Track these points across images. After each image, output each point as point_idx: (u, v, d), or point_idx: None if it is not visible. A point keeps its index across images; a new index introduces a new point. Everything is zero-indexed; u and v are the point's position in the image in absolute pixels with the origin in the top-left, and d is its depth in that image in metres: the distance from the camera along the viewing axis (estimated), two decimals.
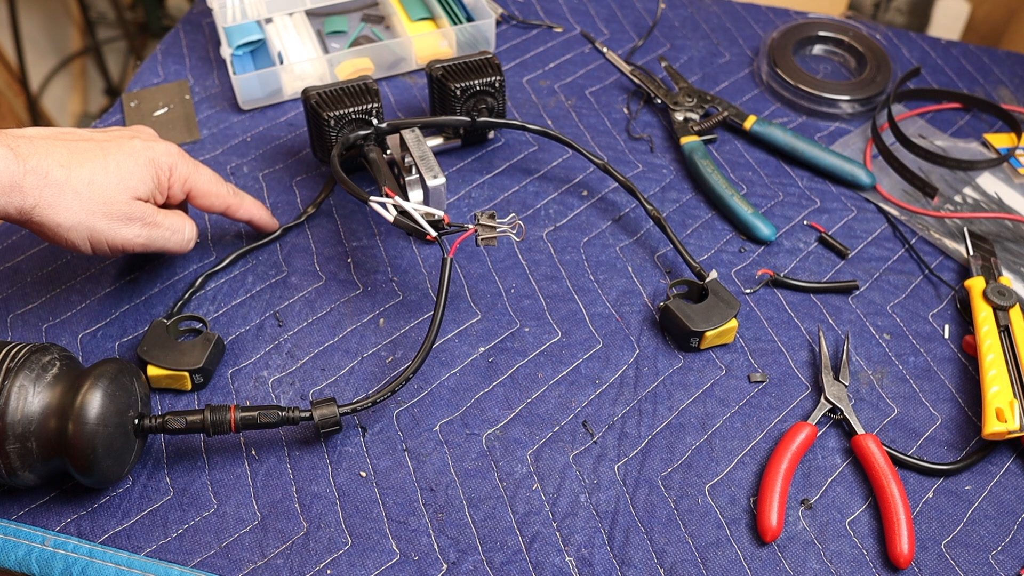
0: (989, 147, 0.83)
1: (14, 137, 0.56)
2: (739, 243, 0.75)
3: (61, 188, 0.57)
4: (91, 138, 0.61)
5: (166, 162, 0.63)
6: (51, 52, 1.88)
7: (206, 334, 0.64)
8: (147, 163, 0.61)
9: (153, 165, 0.62)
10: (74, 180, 0.57)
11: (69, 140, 0.59)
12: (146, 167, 0.61)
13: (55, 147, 0.58)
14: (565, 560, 0.56)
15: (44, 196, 0.56)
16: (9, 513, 0.58)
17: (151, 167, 0.62)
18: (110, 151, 0.60)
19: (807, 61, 0.91)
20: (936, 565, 0.57)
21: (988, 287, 0.68)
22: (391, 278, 0.71)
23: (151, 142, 0.63)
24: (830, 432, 0.63)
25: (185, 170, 0.64)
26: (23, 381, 0.53)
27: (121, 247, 0.61)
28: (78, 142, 0.59)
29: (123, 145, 0.61)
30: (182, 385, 0.63)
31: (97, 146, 0.60)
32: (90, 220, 0.58)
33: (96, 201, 0.58)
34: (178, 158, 0.64)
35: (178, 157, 0.64)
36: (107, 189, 0.59)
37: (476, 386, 0.65)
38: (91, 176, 0.58)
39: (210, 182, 0.66)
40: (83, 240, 0.59)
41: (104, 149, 0.60)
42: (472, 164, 0.80)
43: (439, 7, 0.90)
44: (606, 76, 0.89)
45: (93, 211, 0.58)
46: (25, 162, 0.55)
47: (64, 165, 0.57)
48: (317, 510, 0.58)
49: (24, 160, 0.55)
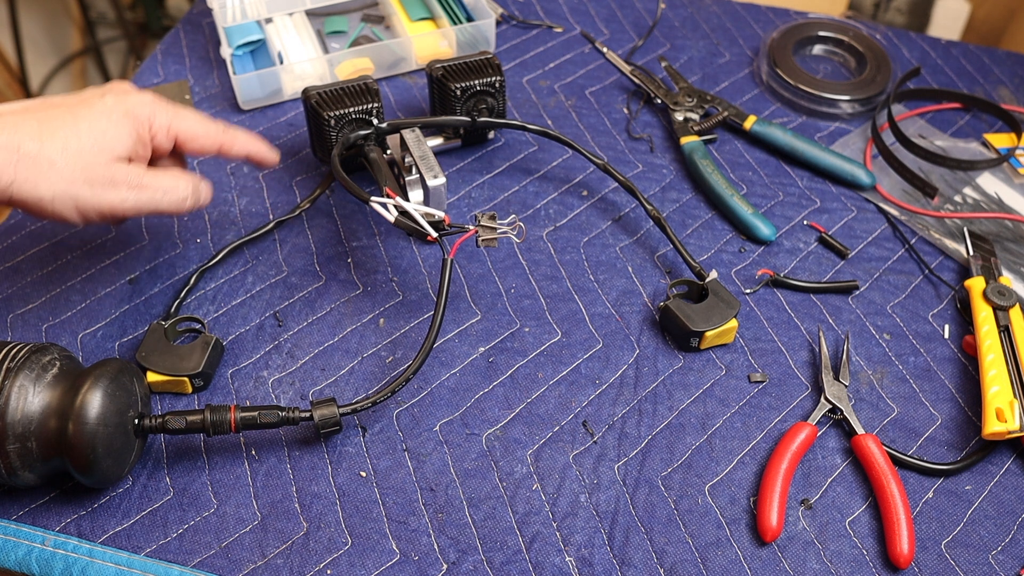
0: (989, 147, 0.83)
1: None
2: (739, 243, 0.75)
3: (36, 161, 0.55)
4: (62, 104, 0.58)
5: (143, 113, 0.60)
6: (51, 52, 1.88)
7: (204, 336, 0.64)
8: (122, 118, 0.58)
9: (129, 118, 0.59)
10: (48, 150, 0.55)
11: (39, 111, 0.57)
12: (121, 123, 0.58)
13: (25, 120, 0.56)
14: (565, 560, 0.56)
15: (20, 172, 0.54)
16: (9, 513, 0.58)
17: (127, 121, 0.59)
18: (81, 114, 0.57)
19: (807, 61, 0.91)
20: (936, 565, 0.57)
21: (988, 287, 0.68)
22: (391, 278, 0.71)
23: (124, 95, 0.60)
24: (830, 432, 0.63)
25: (166, 117, 0.61)
26: (23, 381, 0.53)
27: (110, 212, 0.58)
28: (48, 110, 0.57)
29: (94, 105, 0.58)
30: (182, 389, 0.63)
31: (68, 111, 0.57)
32: (72, 189, 0.56)
33: (74, 169, 0.56)
34: (155, 106, 0.61)
35: (155, 105, 0.61)
36: (84, 154, 0.56)
37: (476, 386, 0.65)
38: (64, 143, 0.56)
39: (197, 123, 0.63)
40: (70, 211, 0.57)
41: (75, 113, 0.57)
42: (472, 164, 0.80)
43: (439, 7, 0.90)
44: (606, 76, 0.89)
45: (73, 179, 0.56)
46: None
47: (35, 137, 0.55)
48: (317, 510, 0.58)
49: None
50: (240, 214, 0.75)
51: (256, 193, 0.77)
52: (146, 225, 0.74)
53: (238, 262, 0.72)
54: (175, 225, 0.74)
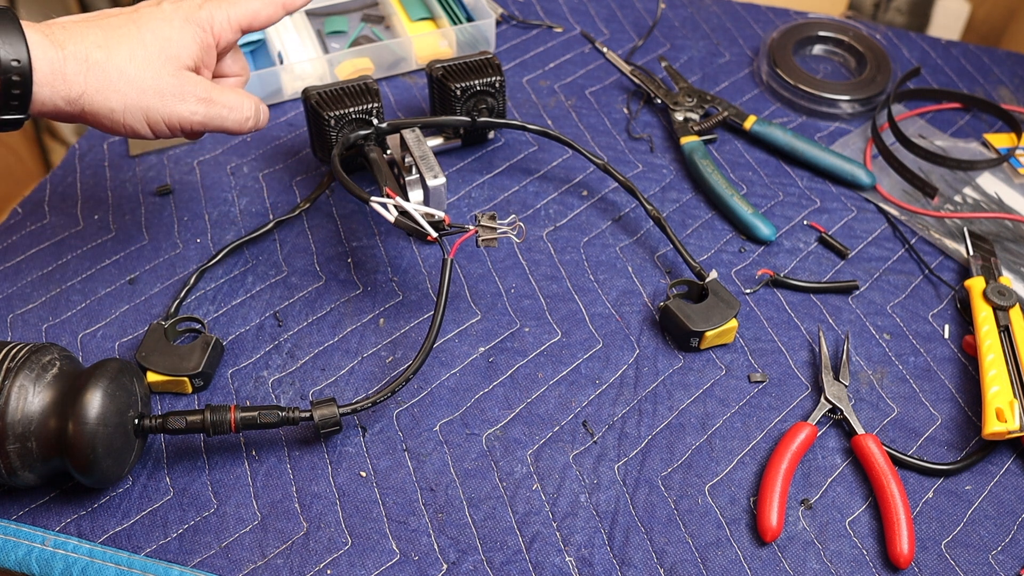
0: (989, 147, 0.83)
1: (47, 25, 0.54)
2: (739, 243, 0.75)
3: (105, 70, 0.54)
4: (122, 12, 0.57)
5: (203, 17, 0.59)
6: None
7: (204, 336, 0.64)
8: (184, 24, 0.58)
9: (191, 24, 0.58)
10: (116, 60, 0.54)
11: (102, 19, 0.56)
12: (184, 29, 0.57)
13: (90, 29, 0.55)
14: (565, 560, 0.56)
15: (90, 81, 0.54)
16: (9, 513, 0.58)
17: (189, 28, 0.58)
18: (143, 23, 0.56)
19: (807, 61, 0.91)
20: (936, 565, 0.57)
21: (988, 287, 0.68)
22: (391, 278, 0.71)
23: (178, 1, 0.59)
24: (830, 432, 0.63)
25: (223, 13, 0.60)
26: (23, 381, 0.53)
27: (179, 125, 0.58)
28: (111, 19, 0.56)
29: (154, 13, 0.57)
30: (182, 389, 0.63)
31: (129, 20, 0.56)
32: (143, 100, 0.55)
33: (144, 78, 0.55)
34: (210, 7, 0.59)
35: (209, 6, 0.60)
36: (152, 63, 0.55)
37: (476, 386, 0.65)
38: (131, 52, 0.55)
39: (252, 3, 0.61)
40: (140, 123, 0.56)
41: (137, 22, 0.56)
42: (472, 164, 0.80)
43: (439, 7, 0.90)
44: (606, 76, 0.89)
45: (143, 89, 0.55)
46: (63, 48, 0.53)
47: (102, 46, 0.54)
48: (317, 510, 0.58)
49: (61, 46, 0.53)
50: (240, 214, 0.75)
51: (256, 193, 0.77)
52: (146, 225, 0.74)
53: (238, 262, 0.72)
54: (175, 225, 0.75)
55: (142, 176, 0.78)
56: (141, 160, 0.80)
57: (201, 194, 0.77)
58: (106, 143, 0.81)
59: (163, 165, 0.79)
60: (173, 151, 0.81)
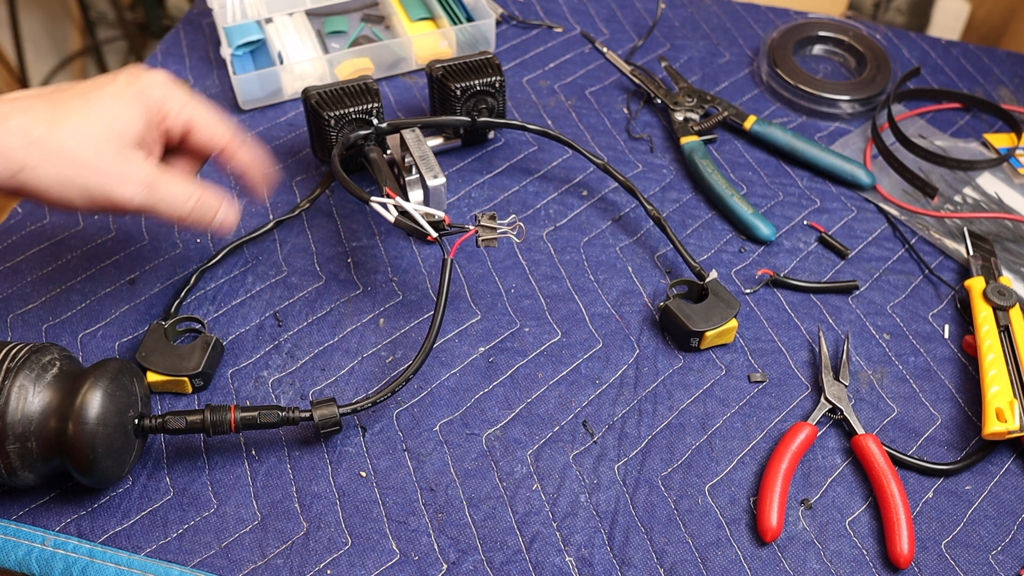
0: (989, 147, 0.83)
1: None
2: (739, 243, 0.75)
3: (46, 146, 0.52)
4: (72, 87, 0.56)
5: (156, 94, 0.57)
6: (51, 52, 1.88)
7: (204, 336, 0.64)
8: (134, 99, 0.56)
9: (141, 100, 0.56)
10: (59, 135, 0.53)
11: (52, 95, 0.55)
12: (133, 104, 0.55)
13: (38, 103, 0.53)
14: (565, 560, 0.56)
15: (29, 157, 0.52)
16: (9, 513, 0.58)
17: (138, 102, 0.56)
18: (93, 97, 0.55)
19: (807, 61, 0.91)
20: (936, 565, 0.57)
21: (988, 287, 0.68)
22: (391, 278, 0.71)
23: (137, 76, 0.57)
24: (830, 432, 0.63)
25: (180, 99, 0.58)
26: (23, 381, 0.53)
27: (116, 207, 0.56)
28: (59, 94, 0.55)
29: (105, 87, 0.56)
30: (182, 389, 0.63)
31: (80, 95, 0.55)
32: (82, 177, 0.53)
33: (86, 155, 0.53)
34: (169, 88, 0.58)
35: (169, 87, 0.58)
36: (95, 140, 0.54)
37: (476, 386, 0.65)
38: (75, 128, 0.53)
39: (211, 113, 0.60)
40: (78, 200, 0.54)
41: (87, 96, 0.55)
42: (472, 164, 0.80)
43: (439, 7, 0.90)
44: (606, 76, 0.89)
45: (84, 166, 0.53)
46: (5, 121, 0.52)
47: (46, 121, 0.53)
48: (317, 510, 0.58)
49: (3, 120, 0.52)
50: (240, 214, 0.75)
51: None
52: (146, 225, 0.74)
53: (238, 262, 0.72)
54: (175, 225, 0.74)
55: None
56: None
57: None
58: None
59: None
60: None
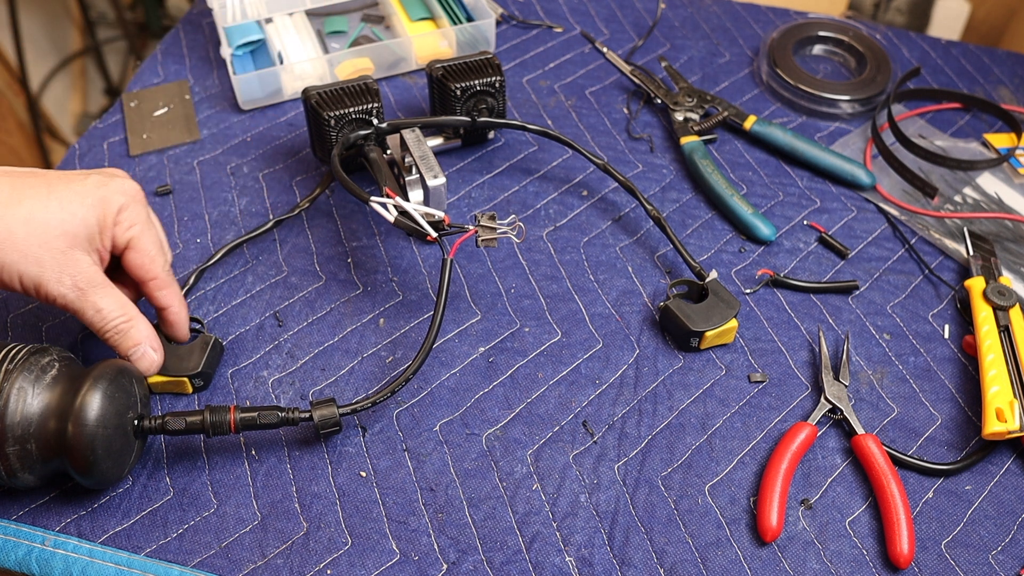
0: (989, 147, 0.83)
1: None
2: (739, 243, 0.75)
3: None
4: (42, 174, 0.56)
5: (117, 201, 0.57)
6: (51, 52, 1.88)
7: (204, 336, 0.64)
8: (96, 202, 0.56)
9: (102, 204, 0.56)
10: (9, 218, 0.53)
11: (17, 176, 0.55)
12: (93, 207, 0.55)
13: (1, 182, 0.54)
14: (565, 560, 0.56)
15: None
16: (9, 513, 0.58)
17: (99, 206, 0.56)
18: (56, 188, 0.55)
19: (807, 61, 0.91)
20: (936, 565, 0.57)
21: (988, 287, 0.68)
22: (391, 278, 0.71)
23: (108, 179, 0.57)
24: (830, 432, 0.63)
25: (134, 216, 0.58)
26: (22, 383, 0.53)
27: (44, 299, 0.56)
28: (26, 177, 0.55)
29: (72, 183, 0.56)
30: (183, 389, 0.63)
31: (44, 182, 0.55)
32: (21, 264, 0.53)
33: (30, 243, 0.53)
34: (133, 201, 0.58)
35: (133, 200, 0.58)
36: (45, 233, 0.54)
37: (476, 386, 0.65)
38: (29, 215, 0.53)
39: (153, 243, 0.59)
40: (14, 282, 0.54)
41: (50, 186, 0.55)
42: (472, 164, 0.80)
43: (439, 7, 0.90)
44: (606, 76, 0.89)
45: (26, 255, 0.53)
46: None
47: (2, 202, 0.53)
48: (317, 510, 0.58)
49: None
50: (240, 214, 0.75)
51: (256, 193, 0.77)
52: None
53: (238, 262, 0.72)
54: (175, 225, 0.74)
55: (142, 176, 0.78)
56: (141, 160, 0.80)
57: (201, 194, 0.77)
58: (105, 143, 0.81)
59: (163, 165, 0.79)
60: (173, 151, 0.81)
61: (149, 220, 0.60)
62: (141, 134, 0.82)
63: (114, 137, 0.82)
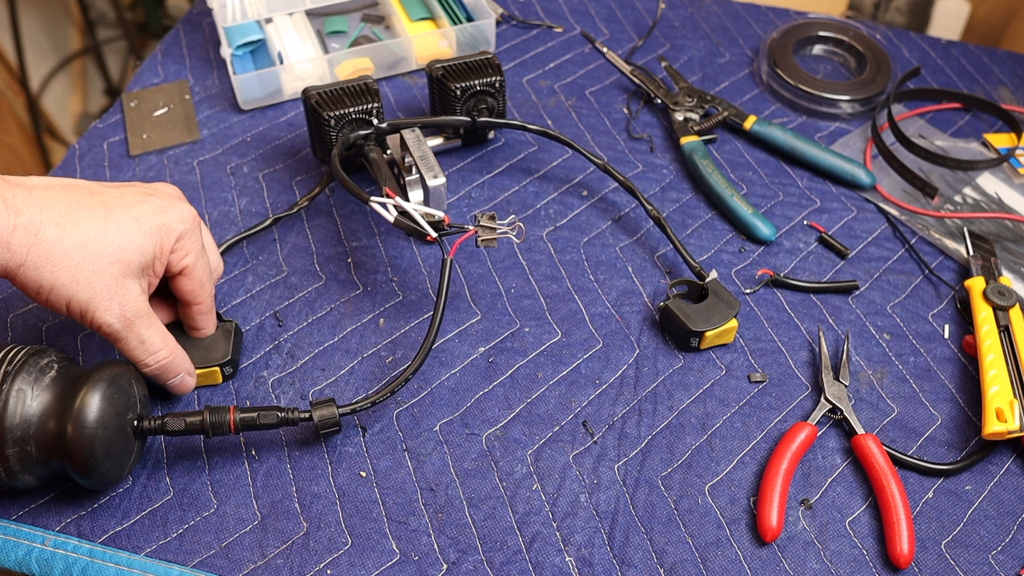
0: (989, 147, 0.83)
1: (13, 185, 0.51)
2: (739, 243, 0.75)
3: (51, 248, 0.51)
4: (99, 192, 0.54)
5: (176, 230, 0.56)
6: (51, 52, 1.88)
7: (224, 324, 0.64)
8: (154, 230, 0.55)
9: (160, 232, 0.55)
10: (66, 241, 0.52)
11: (73, 192, 0.53)
12: (151, 235, 0.55)
13: (54, 200, 0.52)
14: (565, 560, 0.56)
15: (31, 255, 0.51)
16: (9, 513, 0.58)
17: (157, 234, 0.55)
18: (114, 212, 0.54)
19: (807, 61, 0.91)
20: (936, 565, 0.57)
21: (988, 287, 0.68)
22: (391, 278, 0.71)
23: (167, 204, 0.56)
24: (830, 432, 0.63)
25: (190, 244, 0.57)
26: (21, 384, 0.53)
27: (89, 324, 0.55)
28: (83, 196, 0.53)
29: (131, 207, 0.54)
30: (213, 380, 0.63)
31: (102, 203, 0.54)
32: (72, 288, 0.52)
33: (83, 269, 0.52)
34: (192, 228, 0.57)
35: (193, 227, 0.57)
36: (100, 259, 0.53)
37: (476, 386, 0.65)
38: (86, 238, 0.52)
39: (204, 272, 0.59)
40: (61, 305, 0.53)
41: (108, 208, 0.53)
42: (472, 164, 0.80)
43: (439, 7, 0.90)
44: (606, 76, 0.89)
45: (78, 279, 0.52)
46: (17, 215, 0.50)
47: (59, 222, 0.52)
48: (317, 510, 0.58)
49: (17, 213, 0.50)
50: (240, 214, 0.75)
51: (256, 193, 0.77)
52: None
53: (238, 262, 0.72)
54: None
55: (142, 176, 0.78)
56: (141, 160, 0.80)
57: (201, 194, 0.77)
58: (106, 143, 0.81)
59: (163, 165, 0.79)
60: (173, 151, 0.81)
61: (203, 248, 0.59)
62: (141, 134, 0.82)
63: (114, 137, 0.82)
